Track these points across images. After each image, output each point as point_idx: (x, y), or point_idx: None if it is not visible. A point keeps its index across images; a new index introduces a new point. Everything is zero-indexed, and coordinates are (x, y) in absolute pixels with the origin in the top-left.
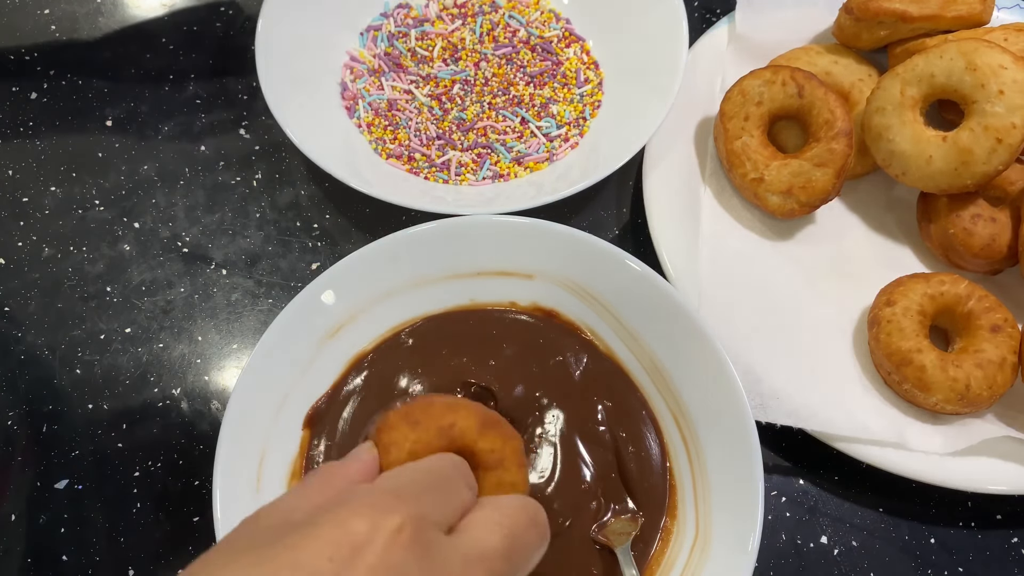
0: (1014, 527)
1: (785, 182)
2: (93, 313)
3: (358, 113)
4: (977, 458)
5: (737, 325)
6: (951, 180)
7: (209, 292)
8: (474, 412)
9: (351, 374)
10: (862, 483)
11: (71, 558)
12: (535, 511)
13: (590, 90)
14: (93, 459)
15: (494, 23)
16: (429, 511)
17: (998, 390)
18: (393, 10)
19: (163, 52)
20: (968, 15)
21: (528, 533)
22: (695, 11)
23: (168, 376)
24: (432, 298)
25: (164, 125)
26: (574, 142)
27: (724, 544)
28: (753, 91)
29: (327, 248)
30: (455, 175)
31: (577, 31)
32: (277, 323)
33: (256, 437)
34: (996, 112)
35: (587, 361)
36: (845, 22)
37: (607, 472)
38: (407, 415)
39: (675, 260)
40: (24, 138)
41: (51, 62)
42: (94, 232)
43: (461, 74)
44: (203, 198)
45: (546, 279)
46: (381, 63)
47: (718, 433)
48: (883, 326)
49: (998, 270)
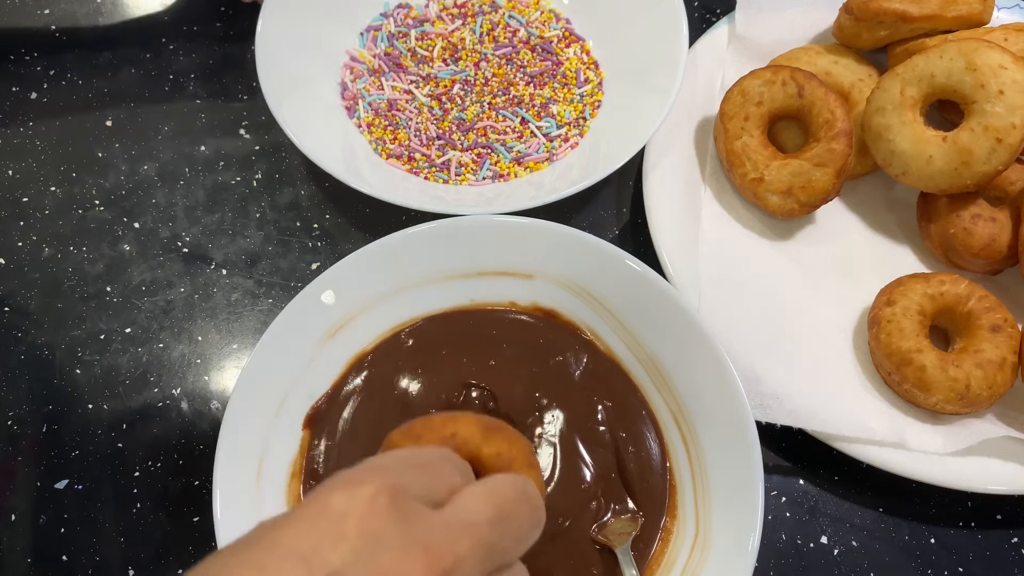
0: (1014, 527)
1: (785, 182)
2: (93, 313)
3: (358, 113)
4: (977, 458)
5: (737, 325)
6: (951, 180)
7: (209, 292)
8: (475, 420)
9: (351, 374)
10: (862, 483)
11: (71, 558)
12: (525, 485)
13: (590, 90)
14: (93, 459)
15: (494, 23)
16: (409, 483)
17: (998, 390)
18: (393, 10)
19: (163, 52)
20: (968, 15)
21: (518, 506)
22: (695, 11)
23: (168, 376)
24: (432, 298)
25: (164, 125)
26: (574, 142)
27: (724, 544)
28: (753, 91)
29: (327, 248)
30: (455, 175)
31: (577, 31)
32: (277, 323)
33: (256, 437)
34: (996, 112)
35: (587, 361)
36: (845, 22)
37: (607, 472)
38: (408, 432)
39: (675, 260)
40: (24, 138)
41: (51, 62)
42: (94, 232)
43: (461, 74)
44: (203, 198)
45: (546, 279)
46: (381, 63)
47: (718, 433)
48: (883, 326)
49: (998, 270)
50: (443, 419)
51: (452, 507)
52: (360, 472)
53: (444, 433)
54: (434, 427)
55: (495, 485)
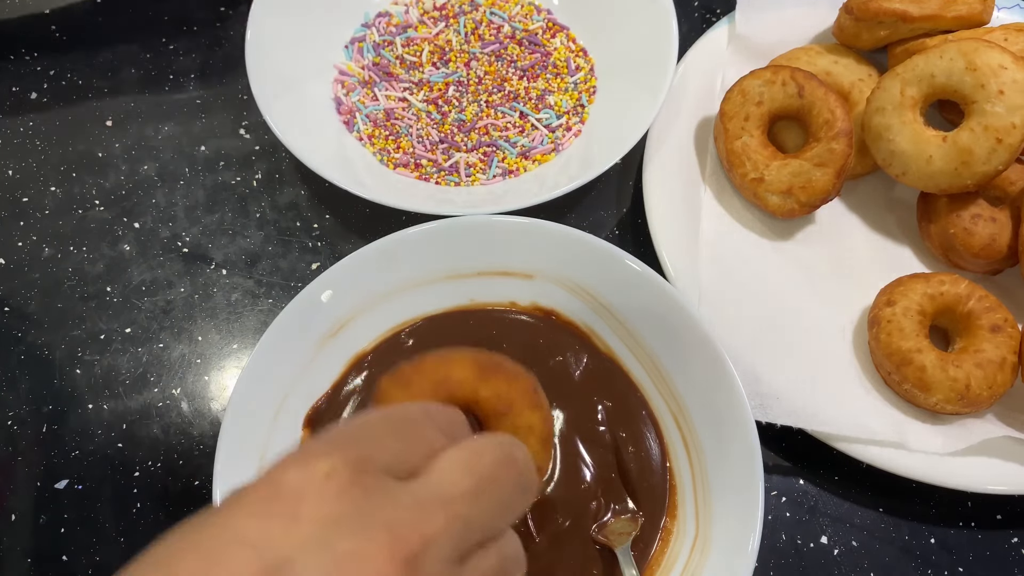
0: (1014, 527)
1: (785, 182)
2: (93, 313)
3: (357, 126)
4: (977, 458)
5: (737, 325)
6: (951, 180)
7: (209, 292)
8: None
9: (351, 374)
10: (862, 483)
11: (71, 558)
12: (512, 448)
13: (583, 77)
14: (93, 459)
15: (477, 21)
16: (374, 454)
17: (998, 390)
18: (374, 20)
19: (163, 52)
20: (968, 15)
21: (502, 472)
22: (695, 11)
23: (168, 376)
24: (432, 298)
25: (164, 125)
26: (577, 130)
27: (724, 544)
28: (753, 91)
29: (327, 248)
30: (465, 176)
31: (560, 20)
32: (277, 323)
33: (256, 437)
34: (996, 112)
35: (587, 361)
36: (845, 22)
37: (607, 472)
38: (398, 378)
39: (675, 260)
40: (24, 138)
41: (51, 62)
42: (94, 232)
43: (453, 76)
44: (203, 198)
45: (546, 279)
46: (371, 74)
47: (718, 433)
48: (883, 326)
49: (998, 270)
50: (435, 360)
51: (425, 478)
52: (321, 443)
53: (436, 377)
54: (425, 370)
55: (477, 447)
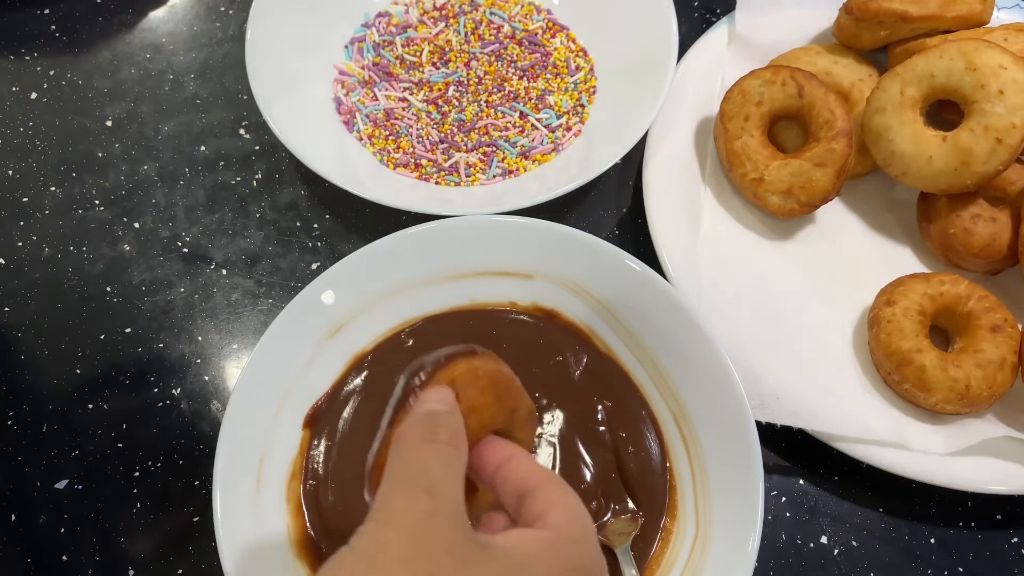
0: (1014, 527)
1: (785, 182)
2: (93, 313)
3: (357, 126)
4: (977, 458)
5: (737, 325)
6: (951, 180)
7: (209, 292)
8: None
9: (351, 374)
10: (862, 483)
11: (71, 558)
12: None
13: (583, 77)
14: (93, 459)
15: (477, 21)
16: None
17: (998, 390)
18: (374, 20)
19: (163, 52)
20: (968, 15)
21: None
22: (695, 11)
23: (168, 376)
24: (432, 298)
25: (164, 125)
26: (577, 130)
27: (724, 544)
28: (753, 91)
29: (327, 248)
30: (466, 176)
31: (560, 20)
32: (277, 323)
33: (256, 437)
34: (996, 112)
35: (587, 361)
36: (845, 22)
37: (607, 472)
38: (494, 386)
39: (675, 260)
40: (24, 138)
41: (51, 62)
42: (94, 232)
43: (453, 76)
44: (203, 198)
45: (546, 279)
46: (371, 74)
47: (718, 433)
48: (883, 326)
49: (998, 270)
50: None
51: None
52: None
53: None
54: (514, 393)
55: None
